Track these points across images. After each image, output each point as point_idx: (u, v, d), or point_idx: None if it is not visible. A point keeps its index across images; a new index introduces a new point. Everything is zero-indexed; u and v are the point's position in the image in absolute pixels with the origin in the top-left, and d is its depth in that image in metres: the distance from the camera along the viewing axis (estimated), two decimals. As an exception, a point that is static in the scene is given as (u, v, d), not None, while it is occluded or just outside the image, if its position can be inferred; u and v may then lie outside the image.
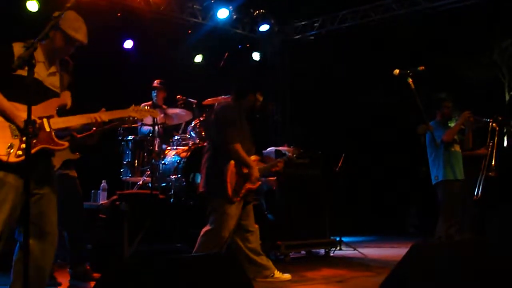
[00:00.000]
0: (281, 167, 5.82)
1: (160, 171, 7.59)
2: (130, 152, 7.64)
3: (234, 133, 5.34)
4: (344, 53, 10.81)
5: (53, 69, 3.96)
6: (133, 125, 7.83)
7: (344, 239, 8.39)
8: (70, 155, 5.17)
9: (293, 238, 7.42)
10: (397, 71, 5.92)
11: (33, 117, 3.53)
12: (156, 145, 7.60)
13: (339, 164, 8.28)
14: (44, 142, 3.74)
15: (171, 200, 7.25)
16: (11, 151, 3.56)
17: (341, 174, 8.26)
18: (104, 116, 4.06)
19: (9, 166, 3.57)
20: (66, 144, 3.84)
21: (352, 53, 10.89)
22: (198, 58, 10.57)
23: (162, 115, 7.90)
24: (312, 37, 11.08)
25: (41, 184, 3.81)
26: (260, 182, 5.59)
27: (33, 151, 3.58)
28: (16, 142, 3.60)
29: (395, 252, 7.99)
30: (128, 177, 7.65)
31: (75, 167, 5.48)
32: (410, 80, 5.95)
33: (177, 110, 8.04)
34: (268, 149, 8.09)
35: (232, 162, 5.28)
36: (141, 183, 7.50)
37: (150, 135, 7.69)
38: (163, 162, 7.67)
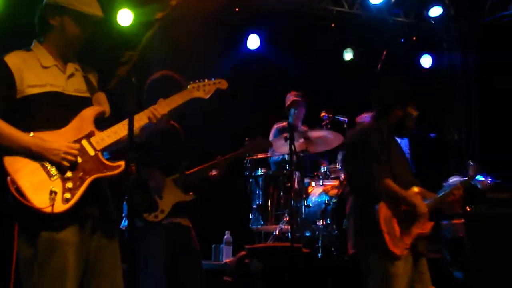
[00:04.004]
0: (459, 195, 5.58)
1: (303, 216, 7.65)
2: (261, 192, 7.77)
3: (379, 167, 5.18)
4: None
5: (70, 68, 3.95)
6: (263, 155, 7.98)
7: None
8: (182, 196, 5.34)
9: (490, 302, 7.16)
10: None
11: (65, 143, 3.65)
12: (296, 180, 7.66)
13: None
14: (94, 171, 3.69)
15: (319, 254, 7.26)
16: (55, 197, 3.51)
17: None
18: (161, 108, 4.01)
19: (58, 219, 3.54)
20: (122, 164, 3.73)
21: None
22: (348, 55, 10.59)
23: (301, 139, 7.96)
24: (507, 19, 10.72)
25: (100, 230, 3.83)
26: (432, 224, 5.40)
27: (82, 188, 3.61)
28: (58, 183, 3.57)
29: None
30: (259, 226, 7.77)
31: (189, 214, 5.52)
32: None
33: (322, 133, 8.06)
34: (450, 180, 7.89)
35: (383, 203, 5.14)
36: (277, 233, 7.59)
37: (287, 168, 7.76)
38: (306, 203, 7.72)
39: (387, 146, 5.30)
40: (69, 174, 3.62)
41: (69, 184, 3.59)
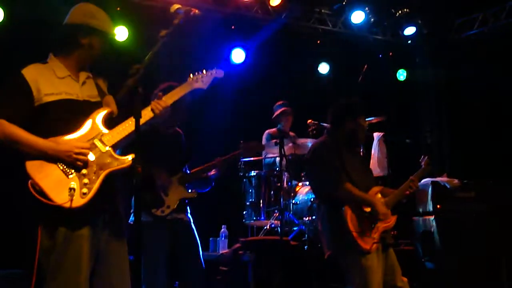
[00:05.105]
0: (415, 186, 5.56)
1: (291, 213, 7.62)
2: (253, 191, 7.75)
3: (336, 174, 5.19)
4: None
5: (83, 77, 3.97)
6: (256, 157, 7.96)
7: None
8: (185, 193, 5.34)
9: (458, 289, 7.15)
10: None
11: (76, 144, 3.65)
12: (285, 180, 7.64)
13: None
14: (107, 166, 3.70)
15: (305, 247, 7.23)
16: (74, 193, 3.51)
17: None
18: (163, 102, 3.95)
19: (76, 213, 3.54)
20: (132, 156, 3.66)
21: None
22: (324, 68, 10.55)
23: (290, 144, 7.95)
24: (473, 38, 10.71)
25: (110, 225, 3.84)
26: (396, 216, 5.38)
27: (98, 182, 3.62)
28: (75, 180, 3.57)
29: None
30: (252, 221, 7.74)
31: (190, 210, 5.51)
32: None
33: (308, 140, 8.04)
34: (423, 180, 7.88)
35: (347, 206, 5.13)
36: (268, 227, 7.56)
37: (277, 169, 7.75)
38: (294, 201, 7.69)
39: (340, 155, 5.31)
40: (84, 171, 3.62)
41: (86, 180, 3.60)
